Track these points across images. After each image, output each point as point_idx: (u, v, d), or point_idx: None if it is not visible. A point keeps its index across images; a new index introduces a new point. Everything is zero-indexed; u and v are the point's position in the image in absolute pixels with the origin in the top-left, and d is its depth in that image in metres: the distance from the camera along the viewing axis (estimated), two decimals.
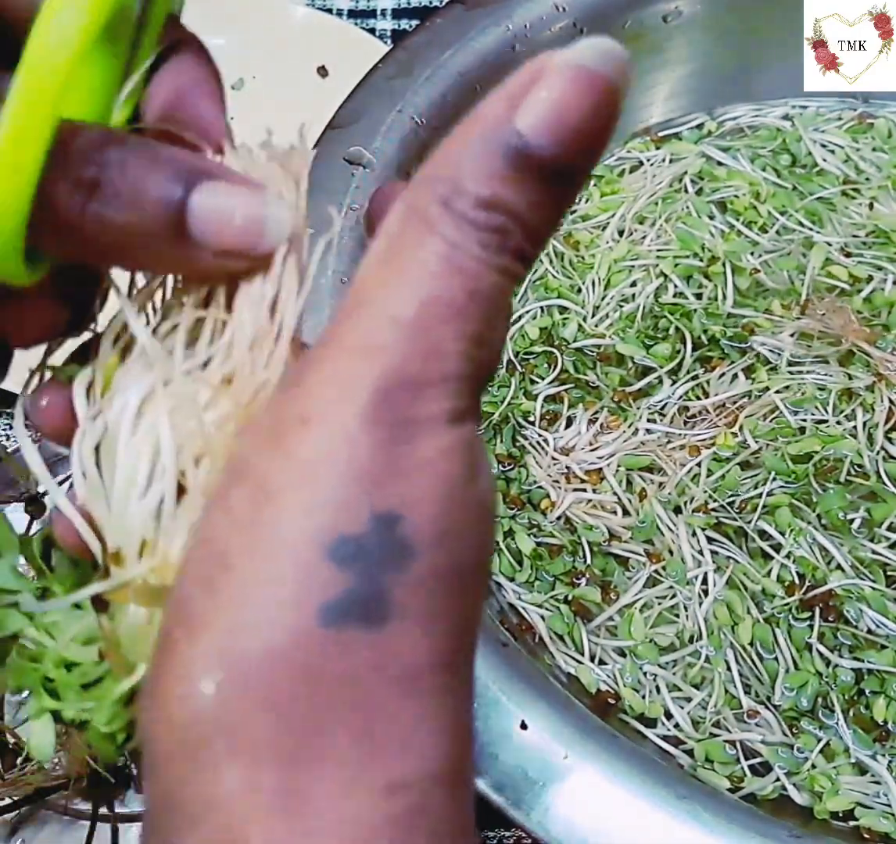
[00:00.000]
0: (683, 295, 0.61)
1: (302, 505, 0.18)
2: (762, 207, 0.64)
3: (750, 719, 0.49)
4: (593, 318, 0.61)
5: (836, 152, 0.68)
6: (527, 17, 0.61)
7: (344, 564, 0.18)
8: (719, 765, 0.47)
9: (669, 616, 0.52)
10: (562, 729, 0.40)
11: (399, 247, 0.19)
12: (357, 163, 0.54)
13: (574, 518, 0.55)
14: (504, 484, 0.56)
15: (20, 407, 0.24)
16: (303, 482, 0.18)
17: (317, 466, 0.18)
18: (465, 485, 0.19)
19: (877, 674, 0.49)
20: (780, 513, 0.53)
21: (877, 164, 0.67)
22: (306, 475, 0.18)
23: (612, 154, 0.68)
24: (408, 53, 0.59)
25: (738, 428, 0.56)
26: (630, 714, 0.49)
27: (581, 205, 0.66)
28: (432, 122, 0.57)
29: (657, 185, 0.66)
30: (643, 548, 0.53)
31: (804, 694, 0.49)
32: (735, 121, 0.70)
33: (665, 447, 0.56)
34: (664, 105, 0.69)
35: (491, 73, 0.59)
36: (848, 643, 0.50)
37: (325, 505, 0.18)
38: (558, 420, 0.58)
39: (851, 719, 0.49)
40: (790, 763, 0.48)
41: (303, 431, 0.18)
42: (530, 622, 0.52)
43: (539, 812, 0.38)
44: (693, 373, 0.59)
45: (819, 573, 0.51)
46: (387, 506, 0.18)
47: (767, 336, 0.60)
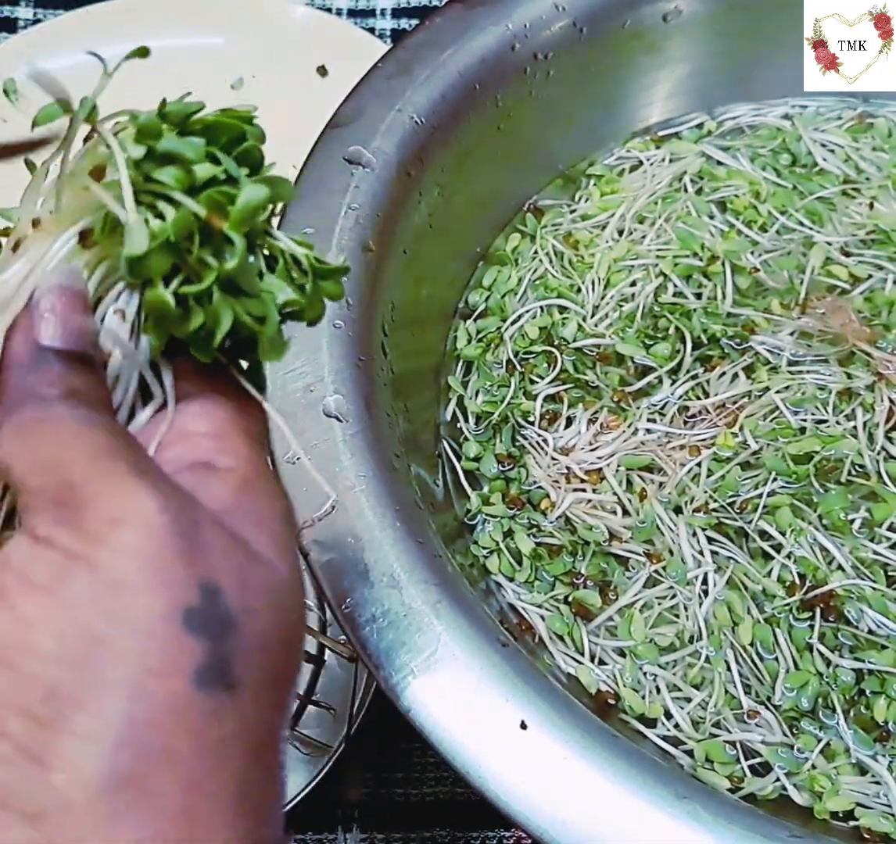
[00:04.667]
0: (683, 294, 0.61)
1: (145, 586, 0.21)
2: (762, 207, 0.64)
3: (750, 719, 0.49)
4: (593, 318, 0.61)
5: (836, 152, 0.67)
6: (526, 16, 0.60)
7: (197, 633, 0.21)
8: (719, 765, 0.47)
9: (669, 616, 0.52)
10: (562, 730, 0.40)
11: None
12: (356, 162, 0.54)
13: (574, 518, 0.54)
14: (504, 485, 0.56)
15: None
16: (139, 569, 0.21)
17: (145, 554, 0.21)
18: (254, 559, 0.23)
19: (877, 675, 0.49)
20: (781, 514, 0.53)
21: (877, 164, 0.67)
22: (140, 563, 0.21)
23: (612, 153, 0.68)
24: (407, 53, 0.58)
25: (739, 428, 0.56)
26: (630, 714, 0.49)
27: (581, 204, 0.66)
28: (432, 122, 0.56)
29: (657, 185, 0.66)
30: (643, 549, 0.53)
31: (804, 695, 0.49)
32: (735, 120, 0.70)
33: (665, 447, 0.56)
34: (664, 104, 0.69)
35: (491, 73, 0.59)
36: (848, 643, 0.50)
37: (163, 585, 0.21)
38: (558, 420, 0.58)
39: (852, 719, 0.49)
40: (790, 764, 0.47)
41: (117, 529, 0.21)
42: (530, 622, 0.52)
43: (539, 812, 0.38)
44: (693, 372, 0.59)
45: (820, 573, 0.51)
46: (205, 578, 0.21)
47: (767, 335, 0.59)
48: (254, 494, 0.24)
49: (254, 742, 0.21)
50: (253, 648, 0.22)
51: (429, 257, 0.58)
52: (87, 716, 0.20)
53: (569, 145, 0.67)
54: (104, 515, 0.21)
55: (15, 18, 0.83)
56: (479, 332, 0.61)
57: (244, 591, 0.22)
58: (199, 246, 0.25)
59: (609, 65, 0.65)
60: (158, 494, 0.22)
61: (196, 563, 0.22)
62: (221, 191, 0.25)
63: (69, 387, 0.24)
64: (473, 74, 0.58)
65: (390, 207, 0.54)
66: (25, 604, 0.21)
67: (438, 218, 0.58)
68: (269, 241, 0.27)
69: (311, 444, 0.46)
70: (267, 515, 0.24)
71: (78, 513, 0.22)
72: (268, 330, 0.26)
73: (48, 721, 0.20)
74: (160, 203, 0.25)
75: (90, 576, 0.21)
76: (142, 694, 0.20)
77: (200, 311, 0.25)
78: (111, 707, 0.20)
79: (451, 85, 0.58)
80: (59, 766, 0.19)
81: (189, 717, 0.20)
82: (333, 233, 0.51)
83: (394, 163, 0.55)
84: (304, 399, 0.47)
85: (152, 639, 0.20)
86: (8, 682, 0.20)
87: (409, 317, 0.56)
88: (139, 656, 0.20)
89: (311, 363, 0.48)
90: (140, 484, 0.22)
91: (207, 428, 0.25)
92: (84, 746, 0.20)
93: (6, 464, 0.23)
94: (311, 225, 0.51)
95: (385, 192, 0.54)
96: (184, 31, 0.82)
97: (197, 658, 0.21)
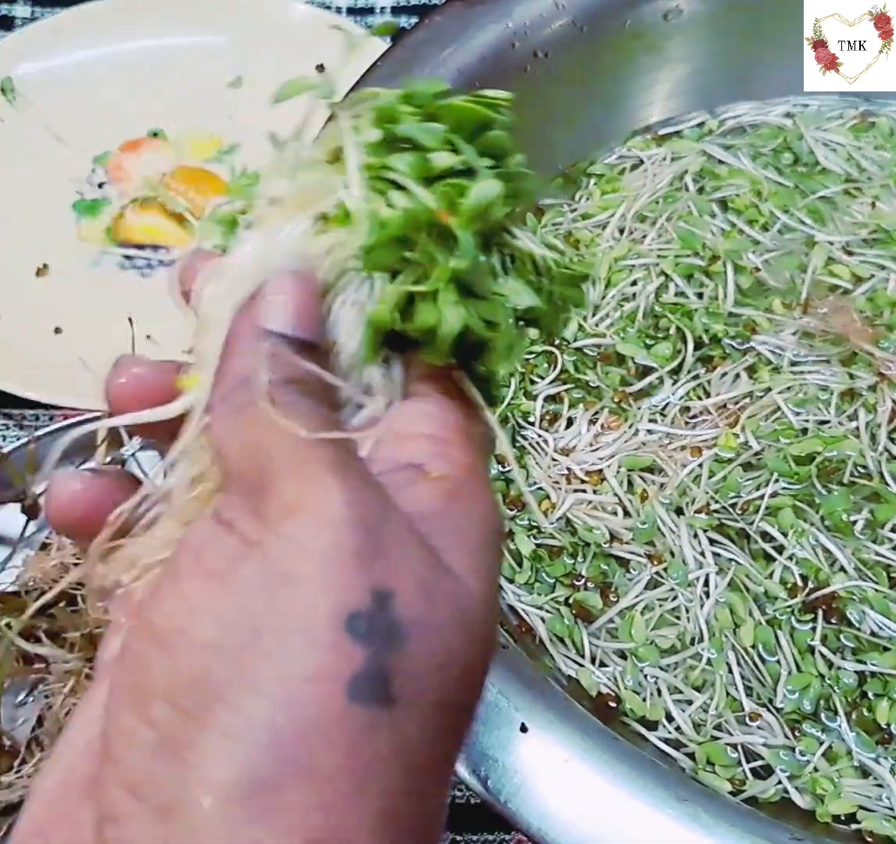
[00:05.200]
0: (684, 294, 0.61)
1: (314, 583, 0.20)
2: (763, 206, 0.64)
3: (751, 722, 0.48)
4: (594, 318, 0.61)
5: (837, 151, 0.67)
6: (526, 14, 0.60)
7: (360, 639, 0.19)
8: (721, 768, 0.47)
9: (670, 618, 0.51)
10: (562, 732, 0.40)
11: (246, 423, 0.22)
12: None
13: (574, 519, 0.54)
14: (504, 486, 0.56)
15: None
16: (309, 563, 0.20)
17: (318, 549, 0.20)
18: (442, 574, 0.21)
19: (880, 677, 0.49)
20: (783, 515, 0.53)
21: (879, 163, 0.66)
22: (311, 557, 0.20)
23: (613, 152, 0.68)
24: (407, 51, 0.58)
25: (740, 428, 0.56)
26: (631, 716, 0.49)
27: (581, 203, 0.66)
28: None
29: (658, 184, 0.66)
30: (644, 550, 0.53)
31: (806, 697, 0.49)
32: (736, 119, 0.69)
33: (666, 447, 0.56)
34: (665, 103, 0.69)
35: (491, 71, 0.59)
36: (851, 645, 0.50)
37: (332, 584, 0.20)
38: (558, 420, 0.58)
39: (854, 722, 0.48)
40: (792, 766, 0.47)
41: (294, 517, 0.20)
42: (530, 624, 0.51)
43: (539, 814, 0.38)
44: (694, 372, 0.58)
45: (822, 575, 0.51)
46: (379, 582, 0.20)
47: (769, 335, 0.59)
48: (461, 505, 0.23)
49: (410, 767, 0.20)
50: (423, 664, 0.20)
51: None
52: (231, 714, 0.19)
53: (569, 144, 0.67)
54: (283, 501, 0.20)
55: (12, 17, 0.83)
56: None
57: (422, 603, 0.20)
58: (429, 240, 0.23)
59: (609, 63, 0.65)
60: (348, 488, 0.21)
61: (373, 565, 0.20)
62: (454, 184, 0.23)
63: (290, 375, 0.23)
64: (473, 73, 0.58)
65: None
66: (193, 588, 0.20)
67: None
68: (508, 241, 0.25)
69: None
70: (470, 529, 0.23)
71: (262, 499, 0.21)
72: (500, 336, 0.24)
73: (192, 713, 0.19)
74: (393, 191, 0.24)
75: (261, 565, 0.20)
76: (291, 699, 0.19)
77: (429, 310, 0.23)
78: (258, 708, 0.19)
79: (451, 83, 0.57)
80: (195, 762, 0.19)
81: (337, 730, 0.19)
82: None
83: None
84: None
85: (311, 641, 0.19)
86: (160, 667, 0.20)
87: None
88: (295, 657, 0.19)
89: None
90: (331, 476, 0.21)
91: (429, 431, 0.24)
92: (224, 745, 0.19)
93: (217, 446, 0.23)
94: None
95: None
96: (183, 30, 0.82)
97: (355, 666, 0.19)
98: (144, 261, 0.73)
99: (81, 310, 0.70)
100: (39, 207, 0.75)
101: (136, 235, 0.74)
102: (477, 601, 0.22)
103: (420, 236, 0.23)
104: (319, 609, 0.19)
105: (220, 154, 0.78)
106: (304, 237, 0.24)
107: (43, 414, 0.66)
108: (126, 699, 0.20)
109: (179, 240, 0.74)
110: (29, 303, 0.71)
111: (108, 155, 0.78)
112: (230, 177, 0.77)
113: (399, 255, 0.24)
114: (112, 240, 0.74)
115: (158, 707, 0.20)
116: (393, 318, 0.23)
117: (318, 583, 0.20)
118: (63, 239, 0.74)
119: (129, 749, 0.20)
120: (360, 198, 0.24)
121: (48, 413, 0.66)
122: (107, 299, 0.71)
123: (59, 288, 0.72)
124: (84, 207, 0.76)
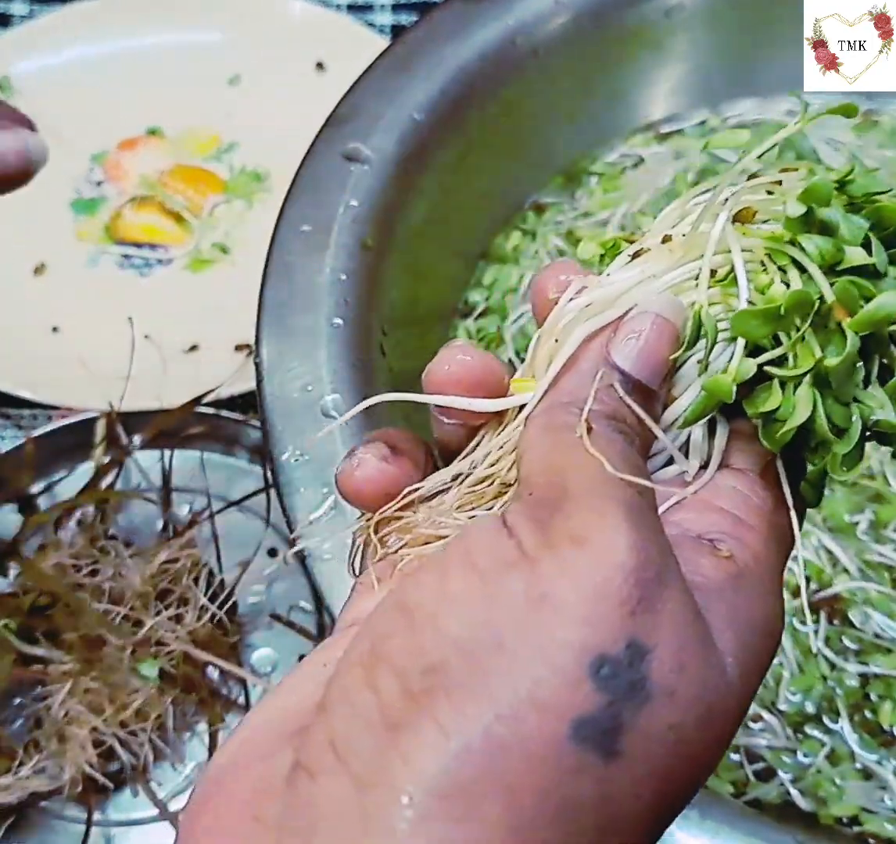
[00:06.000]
0: None
1: (573, 614, 0.20)
2: None
3: (754, 724, 0.48)
4: None
5: (840, 149, 0.67)
6: (527, 11, 0.60)
7: (599, 684, 0.19)
8: (723, 770, 0.47)
9: None
10: None
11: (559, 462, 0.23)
12: (355, 159, 0.53)
13: None
14: None
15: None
16: (575, 594, 0.20)
17: (588, 583, 0.20)
18: (705, 648, 0.21)
19: (883, 679, 0.49)
20: None
21: (881, 161, 0.66)
22: (579, 588, 0.20)
23: (614, 150, 0.68)
24: (407, 49, 0.58)
25: None
26: None
27: (583, 201, 0.66)
28: (431, 119, 0.56)
29: (659, 183, 0.65)
30: None
31: (809, 699, 0.48)
32: (738, 116, 0.69)
33: None
34: (667, 101, 0.69)
35: (491, 68, 0.58)
36: (854, 647, 0.50)
37: (592, 621, 0.20)
38: None
39: (857, 724, 0.48)
40: (795, 769, 0.47)
41: (576, 546, 0.20)
42: None
43: None
44: None
45: (825, 576, 0.51)
46: (639, 634, 0.20)
47: None
48: (743, 592, 0.22)
49: (607, 824, 0.19)
50: (658, 732, 0.20)
51: (428, 255, 0.57)
52: (453, 711, 0.19)
53: (570, 142, 0.67)
54: (570, 527, 0.20)
55: (10, 14, 0.83)
56: (479, 331, 0.61)
57: (674, 671, 0.20)
58: (810, 328, 0.23)
59: (611, 61, 0.65)
60: (637, 536, 0.20)
61: (638, 616, 0.20)
62: (860, 285, 0.23)
63: (614, 410, 0.23)
64: (474, 70, 0.58)
65: (389, 205, 0.53)
66: (456, 578, 0.21)
67: (438, 216, 0.57)
68: (892, 352, 0.24)
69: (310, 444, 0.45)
70: (745, 618, 0.22)
71: (551, 517, 0.21)
72: (842, 443, 0.24)
73: (417, 697, 0.19)
74: (791, 269, 0.24)
75: (526, 578, 0.20)
76: (512, 719, 0.19)
77: (778, 395, 0.23)
78: (477, 714, 0.19)
79: (452, 81, 0.57)
80: (405, 745, 0.19)
81: (546, 762, 0.19)
82: (332, 230, 0.51)
83: (393, 160, 0.54)
84: (302, 398, 0.46)
85: (553, 669, 0.19)
86: (401, 642, 0.20)
87: (408, 317, 0.55)
88: (530, 678, 0.19)
89: (310, 362, 0.47)
90: (624, 518, 0.21)
91: (733, 509, 0.24)
92: (437, 739, 0.19)
93: (521, 451, 0.23)
94: (309, 222, 0.51)
95: (384, 190, 0.53)
96: (182, 27, 0.82)
97: (587, 707, 0.19)
98: (142, 259, 0.73)
99: (79, 309, 0.70)
100: (37, 206, 0.74)
101: (134, 234, 0.74)
102: (731, 691, 0.21)
103: (802, 321, 0.23)
104: (571, 641, 0.19)
105: (219, 152, 0.78)
106: (685, 286, 0.25)
107: (41, 414, 0.66)
108: (359, 659, 0.21)
109: (177, 239, 0.74)
110: (26, 302, 0.70)
111: (106, 153, 0.77)
112: (228, 175, 0.77)
113: (770, 331, 0.23)
114: (110, 238, 0.74)
115: (387, 677, 0.20)
116: (730, 391, 0.23)
117: (577, 616, 0.19)
118: (61, 237, 0.74)
119: (346, 705, 0.20)
120: (738, 264, 0.24)
121: (46, 413, 0.66)
122: (105, 298, 0.71)
123: (57, 287, 0.72)
124: (82, 206, 0.76)
